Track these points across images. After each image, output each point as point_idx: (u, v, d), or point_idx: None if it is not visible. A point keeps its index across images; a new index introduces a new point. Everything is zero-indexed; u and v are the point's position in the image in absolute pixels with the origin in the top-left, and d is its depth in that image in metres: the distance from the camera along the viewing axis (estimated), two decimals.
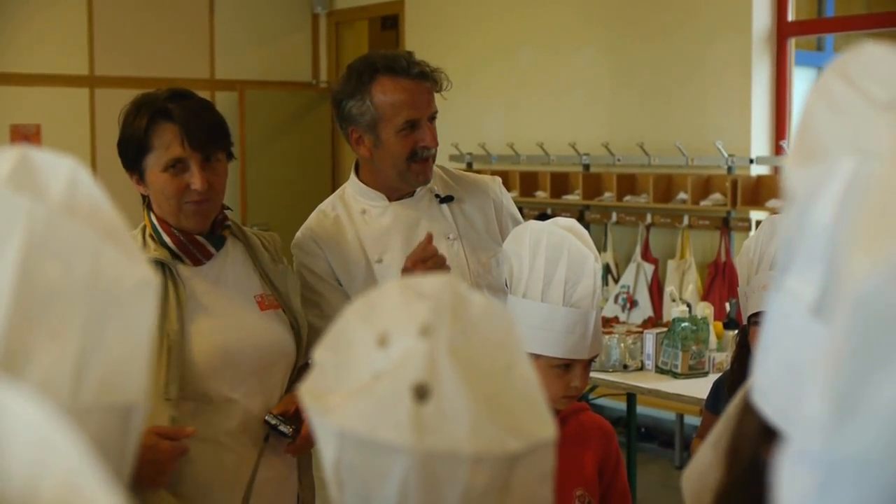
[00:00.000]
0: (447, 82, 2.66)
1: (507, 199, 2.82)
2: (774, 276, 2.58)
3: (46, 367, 0.83)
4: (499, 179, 2.84)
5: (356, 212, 2.68)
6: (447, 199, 2.70)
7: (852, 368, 0.64)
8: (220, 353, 2.29)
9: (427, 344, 0.96)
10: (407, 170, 2.60)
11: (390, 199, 2.68)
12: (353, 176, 2.72)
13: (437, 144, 2.61)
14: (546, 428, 1.01)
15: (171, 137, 2.27)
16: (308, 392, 1.00)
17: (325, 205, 2.72)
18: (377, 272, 2.61)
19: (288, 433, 2.30)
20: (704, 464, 1.25)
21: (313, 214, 2.72)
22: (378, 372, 0.96)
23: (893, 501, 0.61)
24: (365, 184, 2.69)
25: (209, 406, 2.29)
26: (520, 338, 1.03)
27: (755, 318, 2.41)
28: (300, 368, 2.43)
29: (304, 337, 2.42)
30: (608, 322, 5.07)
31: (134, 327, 0.89)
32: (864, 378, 0.63)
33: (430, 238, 2.48)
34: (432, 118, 2.61)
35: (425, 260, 2.44)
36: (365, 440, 0.95)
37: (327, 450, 0.99)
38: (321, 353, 1.02)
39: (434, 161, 2.65)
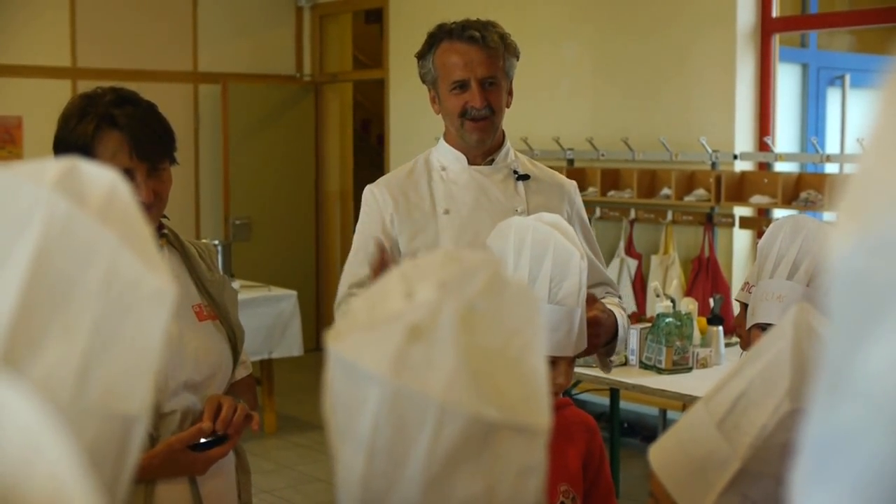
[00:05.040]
0: (504, 46, 2.80)
1: (580, 202, 2.93)
2: (795, 287, 2.41)
3: (52, 364, 0.82)
4: (575, 183, 2.97)
5: (436, 168, 2.86)
6: (524, 177, 2.85)
7: (838, 343, 0.62)
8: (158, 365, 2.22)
9: (440, 295, 1.00)
10: (462, 126, 2.77)
11: (470, 163, 2.84)
12: (441, 139, 2.89)
13: (484, 106, 2.72)
14: (535, 417, 1.02)
15: (116, 147, 2.17)
16: (332, 332, 1.04)
17: (408, 162, 2.94)
18: (441, 223, 2.77)
19: (215, 438, 2.22)
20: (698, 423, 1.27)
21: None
22: (392, 315, 1.00)
23: (886, 483, 0.59)
24: (450, 145, 2.86)
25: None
26: (541, 336, 1.06)
27: (762, 326, 2.26)
28: (234, 383, 2.39)
29: (241, 350, 2.38)
30: None
31: (144, 335, 0.88)
32: (850, 352, 0.61)
33: (381, 247, 2.60)
34: (487, 81, 2.73)
35: (377, 270, 2.51)
36: (349, 365, 1.00)
37: (327, 375, 1.03)
38: (357, 303, 1.06)
39: (493, 124, 2.78)
